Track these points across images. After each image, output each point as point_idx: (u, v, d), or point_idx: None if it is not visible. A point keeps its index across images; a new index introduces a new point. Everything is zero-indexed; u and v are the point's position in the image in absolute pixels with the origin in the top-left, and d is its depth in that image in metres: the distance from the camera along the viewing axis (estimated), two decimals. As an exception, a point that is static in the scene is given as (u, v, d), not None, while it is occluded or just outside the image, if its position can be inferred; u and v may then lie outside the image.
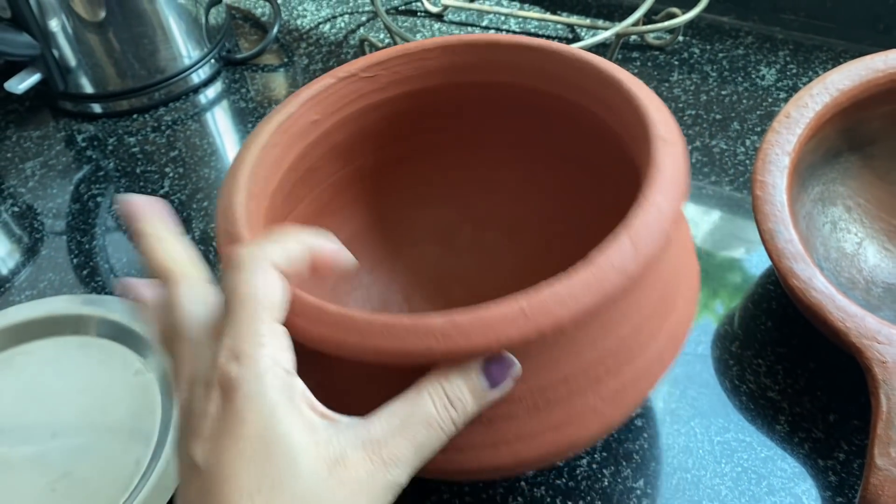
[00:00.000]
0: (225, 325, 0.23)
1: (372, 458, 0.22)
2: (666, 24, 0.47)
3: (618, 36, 0.47)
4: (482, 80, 0.36)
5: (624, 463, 0.34)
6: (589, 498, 0.33)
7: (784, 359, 0.37)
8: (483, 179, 0.40)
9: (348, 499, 0.22)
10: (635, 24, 0.51)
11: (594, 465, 0.34)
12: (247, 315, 0.22)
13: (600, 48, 0.54)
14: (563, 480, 0.34)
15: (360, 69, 0.34)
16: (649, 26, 0.47)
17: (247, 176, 0.29)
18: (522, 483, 0.34)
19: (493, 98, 0.37)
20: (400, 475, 0.23)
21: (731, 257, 0.43)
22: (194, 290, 0.25)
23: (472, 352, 0.23)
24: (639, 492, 0.33)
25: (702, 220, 0.45)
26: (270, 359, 0.22)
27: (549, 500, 0.33)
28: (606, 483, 0.33)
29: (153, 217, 0.27)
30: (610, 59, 0.50)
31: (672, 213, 0.26)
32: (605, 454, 0.34)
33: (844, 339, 0.32)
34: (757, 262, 0.42)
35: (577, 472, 0.34)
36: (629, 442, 0.35)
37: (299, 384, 0.23)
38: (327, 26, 0.64)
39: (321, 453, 0.22)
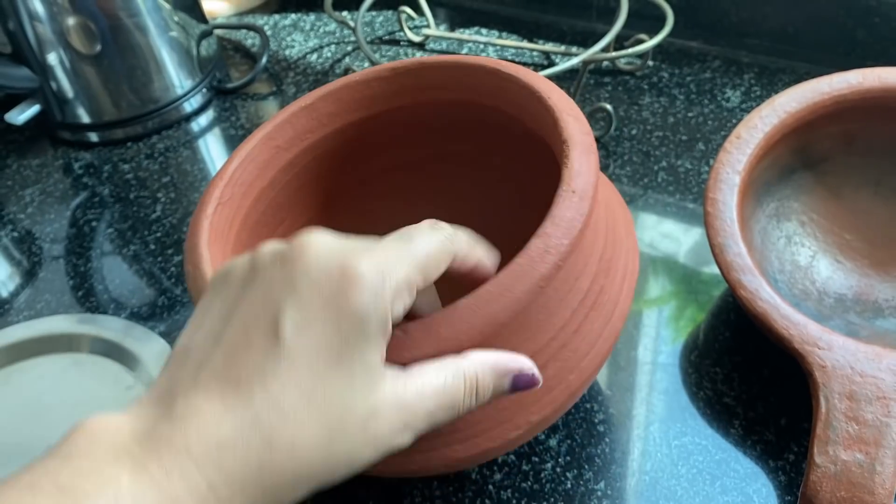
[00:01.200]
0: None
1: (395, 421, 0.23)
2: (632, 50, 0.50)
3: (584, 63, 0.50)
4: (351, 120, 0.38)
5: (586, 466, 0.36)
6: (552, 499, 0.35)
7: (740, 367, 0.39)
8: (387, 209, 0.43)
9: (364, 445, 0.23)
10: (605, 50, 0.54)
11: (558, 469, 0.36)
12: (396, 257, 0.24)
13: (571, 74, 0.57)
14: (529, 483, 0.36)
15: (219, 198, 0.34)
16: (616, 53, 0.50)
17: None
18: (490, 486, 0.36)
19: (376, 129, 0.39)
20: (408, 441, 0.24)
21: (704, 271, 0.45)
22: None
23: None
24: (599, 493, 0.35)
25: (671, 236, 0.47)
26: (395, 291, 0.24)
27: (514, 502, 0.35)
28: (569, 486, 0.35)
29: None
30: (578, 84, 0.53)
31: (595, 165, 0.30)
32: (568, 458, 0.36)
33: (788, 345, 0.34)
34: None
35: (542, 475, 0.36)
36: (591, 447, 0.37)
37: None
38: (314, 56, 0.67)
39: (367, 401, 0.23)
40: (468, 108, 0.37)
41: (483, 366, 0.26)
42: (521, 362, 0.27)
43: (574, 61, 0.49)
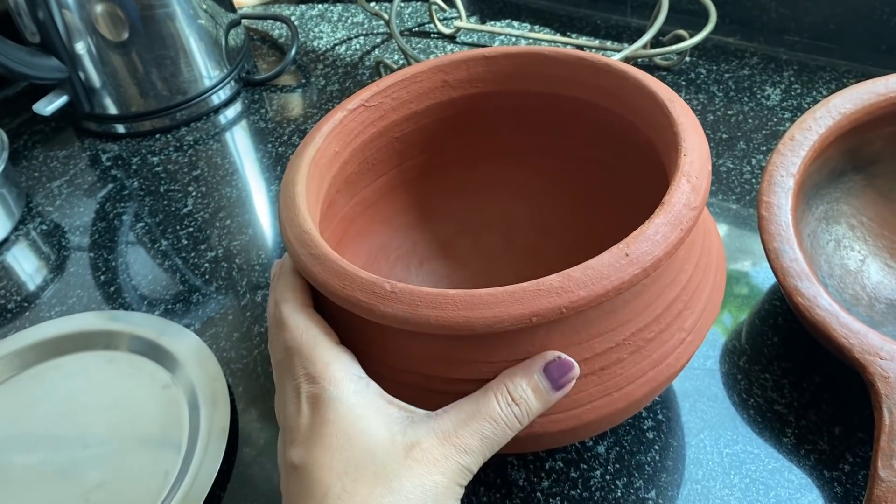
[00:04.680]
0: (296, 361, 0.27)
1: (444, 444, 0.25)
2: (673, 47, 0.49)
3: (626, 59, 0.49)
4: (477, 91, 0.38)
5: (636, 474, 0.35)
6: (602, 508, 0.34)
7: (790, 373, 0.39)
8: (473, 190, 0.43)
9: (424, 474, 0.25)
10: (643, 47, 0.53)
11: (608, 477, 0.35)
12: (308, 349, 0.27)
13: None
14: (578, 491, 0.35)
15: (364, 99, 0.36)
16: (657, 50, 0.49)
17: (305, 206, 0.30)
18: (538, 494, 0.35)
19: (491, 108, 0.39)
20: (471, 462, 0.26)
21: (738, 271, 0.44)
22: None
23: (591, 301, 0.25)
24: (650, 502, 0.34)
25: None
26: (341, 371, 0.26)
27: (564, 510, 0.34)
28: (619, 494, 0.35)
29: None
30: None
31: (707, 153, 0.29)
32: (617, 466, 0.36)
33: (848, 355, 0.33)
34: (763, 277, 0.44)
35: (591, 483, 0.35)
36: (641, 454, 0.36)
37: (373, 385, 0.27)
38: (343, 48, 0.66)
39: (397, 440, 0.25)
40: (581, 105, 0.37)
41: (507, 374, 0.27)
42: (544, 356, 0.27)
43: (616, 57, 0.48)
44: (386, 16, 0.62)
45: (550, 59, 0.36)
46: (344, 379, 0.26)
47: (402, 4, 0.69)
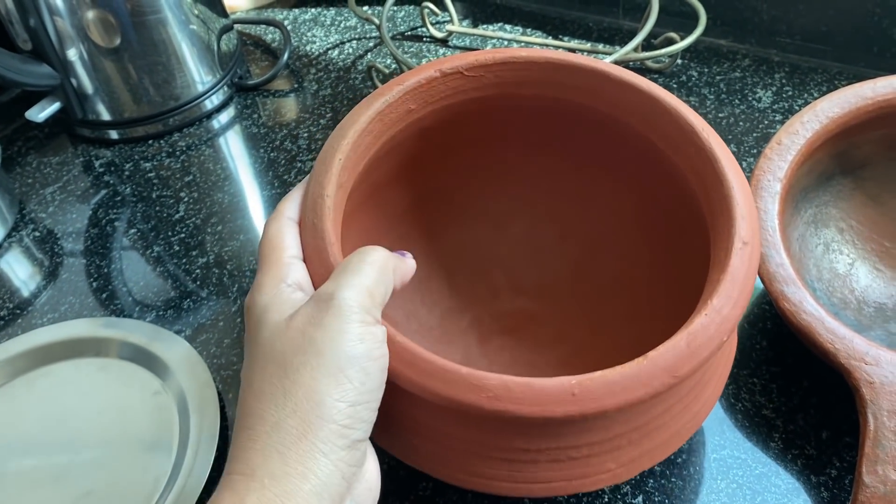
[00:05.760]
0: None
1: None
2: (664, 50, 0.49)
3: (618, 62, 0.49)
4: (579, 101, 0.36)
5: (623, 480, 0.35)
6: (590, 514, 0.34)
7: (778, 377, 0.39)
8: (548, 182, 0.42)
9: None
10: (634, 50, 0.53)
11: (595, 482, 0.35)
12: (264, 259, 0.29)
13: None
14: (564, 497, 0.35)
15: (464, 67, 0.35)
16: (648, 53, 0.49)
17: (338, 166, 0.30)
18: (526, 501, 0.35)
19: (580, 117, 0.38)
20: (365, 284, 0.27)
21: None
22: None
23: (518, 419, 0.25)
24: (638, 508, 0.34)
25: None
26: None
27: (551, 516, 0.34)
28: (607, 500, 0.35)
29: None
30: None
31: (733, 322, 0.27)
32: (605, 471, 0.36)
33: (834, 359, 0.33)
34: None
35: (579, 488, 0.35)
36: (628, 459, 0.36)
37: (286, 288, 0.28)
38: (335, 52, 0.66)
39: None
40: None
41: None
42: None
43: (607, 60, 0.48)
44: (377, 20, 0.62)
45: (652, 99, 0.34)
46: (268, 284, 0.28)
47: (395, 8, 0.70)
